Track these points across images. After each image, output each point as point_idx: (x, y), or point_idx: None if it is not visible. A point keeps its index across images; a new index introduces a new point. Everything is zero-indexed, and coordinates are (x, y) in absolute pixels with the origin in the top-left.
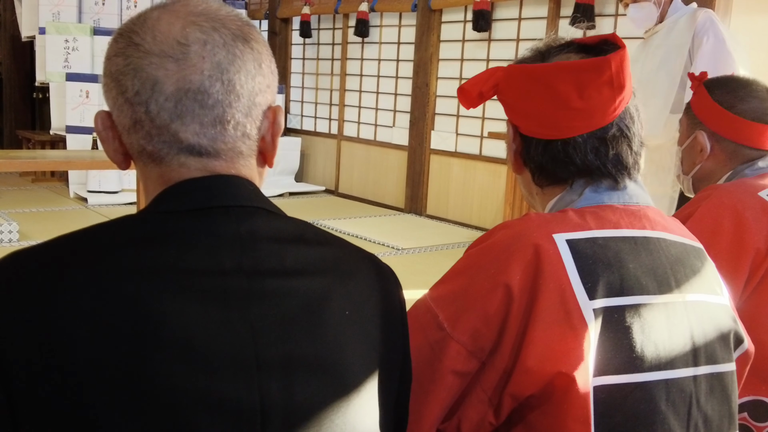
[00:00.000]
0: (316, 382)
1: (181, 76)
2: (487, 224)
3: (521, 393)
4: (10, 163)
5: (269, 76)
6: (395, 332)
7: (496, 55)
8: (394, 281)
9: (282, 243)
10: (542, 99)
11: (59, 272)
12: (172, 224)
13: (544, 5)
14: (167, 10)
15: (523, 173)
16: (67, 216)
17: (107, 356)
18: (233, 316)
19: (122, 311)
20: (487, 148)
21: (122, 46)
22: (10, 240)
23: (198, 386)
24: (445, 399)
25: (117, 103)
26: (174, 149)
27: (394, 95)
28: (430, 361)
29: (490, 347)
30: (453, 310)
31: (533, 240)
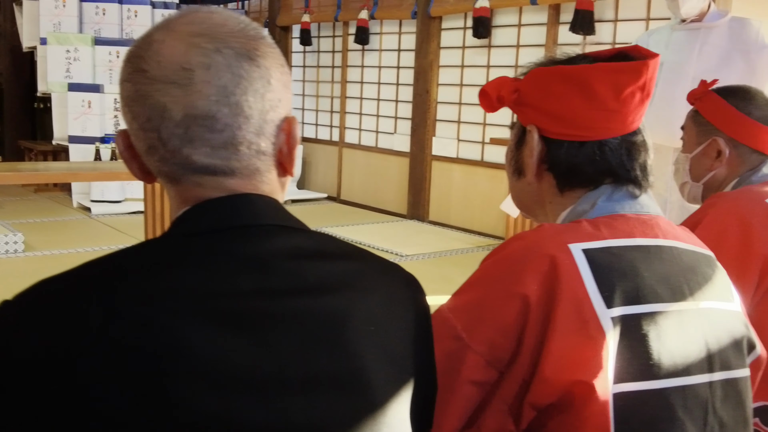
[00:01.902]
0: (340, 401)
1: (187, 103)
2: (489, 230)
3: (541, 402)
4: (18, 176)
5: (280, 90)
6: (421, 343)
7: (497, 61)
8: (420, 291)
9: (302, 260)
10: (577, 99)
11: (81, 297)
12: (191, 247)
13: (544, 12)
14: (170, 31)
15: (542, 179)
16: (72, 226)
17: (127, 379)
18: (253, 339)
19: (142, 335)
20: (488, 154)
21: (130, 72)
22: (15, 251)
23: (221, 408)
24: (464, 409)
25: (132, 128)
26: (188, 170)
27: (395, 102)
28: (447, 371)
29: (507, 357)
30: (470, 320)
31: (548, 250)
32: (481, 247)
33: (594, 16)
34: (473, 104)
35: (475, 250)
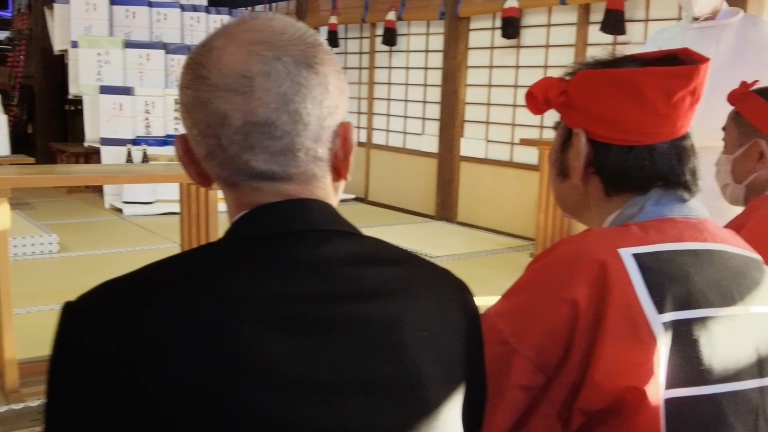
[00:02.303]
0: (396, 405)
1: (247, 110)
2: (519, 231)
3: (590, 407)
4: (52, 178)
5: (337, 97)
6: (473, 348)
7: (526, 61)
8: (469, 295)
9: (357, 266)
10: (627, 104)
11: (144, 301)
12: (250, 251)
13: (574, 11)
14: (230, 39)
15: (588, 183)
16: (104, 227)
17: (192, 382)
18: (312, 342)
19: (205, 338)
20: (517, 155)
21: (190, 78)
22: (51, 252)
23: (281, 411)
24: (511, 413)
25: (192, 134)
26: (247, 176)
27: (423, 103)
28: (494, 375)
29: (556, 362)
30: (517, 324)
31: (598, 255)
32: (510, 248)
33: (625, 16)
34: (502, 105)
35: (505, 251)
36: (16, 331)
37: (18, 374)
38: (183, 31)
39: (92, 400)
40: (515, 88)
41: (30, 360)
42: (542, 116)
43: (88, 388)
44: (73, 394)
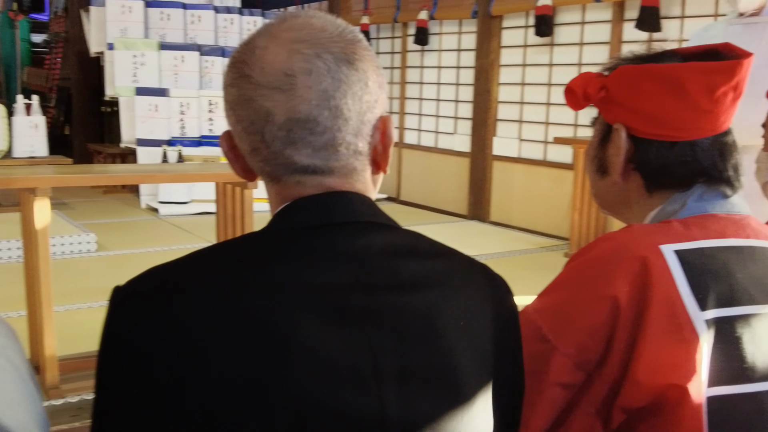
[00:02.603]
0: (432, 394)
1: (290, 107)
2: (553, 230)
3: (631, 405)
4: (90, 178)
5: (376, 92)
6: (508, 343)
7: (559, 59)
8: (506, 291)
9: (396, 257)
10: (669, 99)
11: (190, 287)
12: (293, 241)
13: (608, 8)
14: (272, 38)
15: (628, 179)
16: (141, 226)
17: (237, 365)
18: (352, 330)
19: (249, 323)
20: (551, 154)
21: (234, 77)
22: (89, 251)
23: (322, 396)
24: (550, 411)
25: (236, 131)
26: (289, 170)
27: (455, 102)
28: (534, 372)
29: (596, 359)
30: (557, 322)
31: (639, 252)
32: (544, 247)
33: (660, 13)
34: (535, 103)
35: (539, 251)
36: (56, 329)
37: (58, 371)
38: (217, 32)
39: (139, 378)
40: (549, 86)
41: (69, 357)
42: (576, 114)
43: (136, 368)
44: (122, 373)
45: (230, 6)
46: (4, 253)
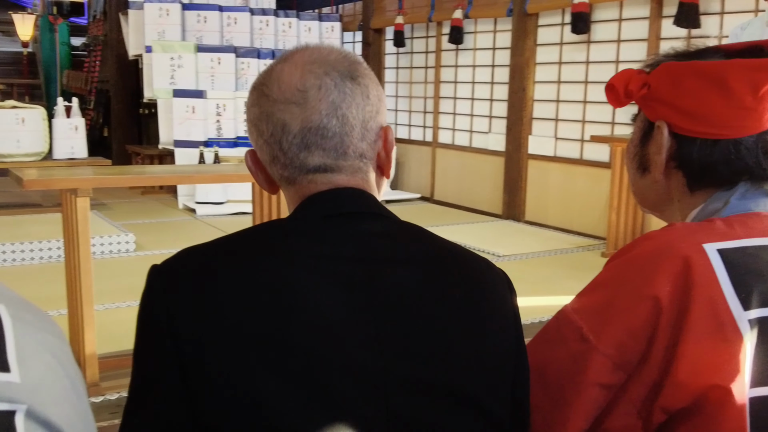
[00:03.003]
0: (424, 352)
1: (303, 117)
2: (590, 230)
3: (672, 406)
4: (128, 178)
5: (377, 103)
6: (506, 336)
7: (596, 57)
8: (507, 286)
9: (393, 239)
10: (713, 96)
11: (215, 259)
12: (307, 225)
13: (646, 5)
14: (288, 62)
15: (670, 177)
16: (178, 226)
17: (251, 322)
18: (355, 294)
19: (264, 286)
20: (588, 152)
21: (256, 97)
22: (127, 250)
23: (328, 350)
24: (590, 411)
25: (258, 144)
26: (303, 171)
27: (490, 101)
28: (573, 373)
29: (637, 360)
30: (597, 321)
31: (682, 251)
32: (581, 247)
33: (699, 9)
34: (572, 101)
35: (576, 250)
36: (96, 327)
37: (98, 369)
38: (252, 34)
39: (170, 336)
40: (585, 84)
41: (109, 355)
42: (614, 112)
43: (167, 327)
44: (155, 333)
45: (266, 8)
46: (45, 252)
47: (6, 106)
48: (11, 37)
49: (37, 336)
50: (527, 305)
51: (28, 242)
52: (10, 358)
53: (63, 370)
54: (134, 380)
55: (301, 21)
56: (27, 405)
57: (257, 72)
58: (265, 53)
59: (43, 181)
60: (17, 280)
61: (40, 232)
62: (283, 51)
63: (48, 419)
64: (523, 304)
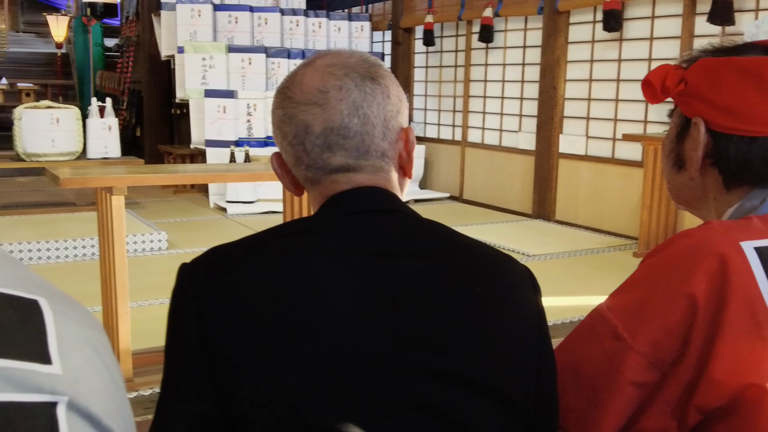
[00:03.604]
0: (444, 347)
1: (325, 118)
2: (621, 230)
3: (708, 405)
4: (161, 177)
5: (397, 104)
6: (527, 331)
7: (629, 54)
8: (531, 282)
9: (414, 234)
10: (751, 93)
11: (240, 253)
12: (330, 222)
13: (679, 2)
14: (309, 66)
15: (706, 174)
16: (209, 225)
17: (279, 314)
18: (376, 286)
19: (290, 279)
20: (619, 151)
21: (280, 100)
22: (160, 248)
23: (350, 340)
24: (624, 410)
25: (282, 146)
26: (326, 171)
27: (520, 99)
28: (607, 371)
29: (672, 358)
30: (632, 320)
31: (718, 249)
32: (612, 247)
33: (733, 5)
34: (603, 99)
35: (607, 250)
36: (129, 324)
37: (131, 365)
38: (282, 34)
39: (201, 336)
40: (617, 82)
41: (142, 351)
42: (646, 111)
43: (198, 328)
44: (187, 334)
45: (296, 8)
46: (80, 251)
47: (41, 107)
48: (45, 39)
49: (77, 329)
50: (557, 305)
51: (62, 240)
52: (52, 351)
53: (102, 363)
54: (166, 373)
55: (331, 21)
56: (68, 397)
57: (287, 72)
58: (295, 53)
59: (80, 180)
60: (53, 277)
61: (74, 231)
62: (314, 51)
63: (88, 411)
64: (554, 304)
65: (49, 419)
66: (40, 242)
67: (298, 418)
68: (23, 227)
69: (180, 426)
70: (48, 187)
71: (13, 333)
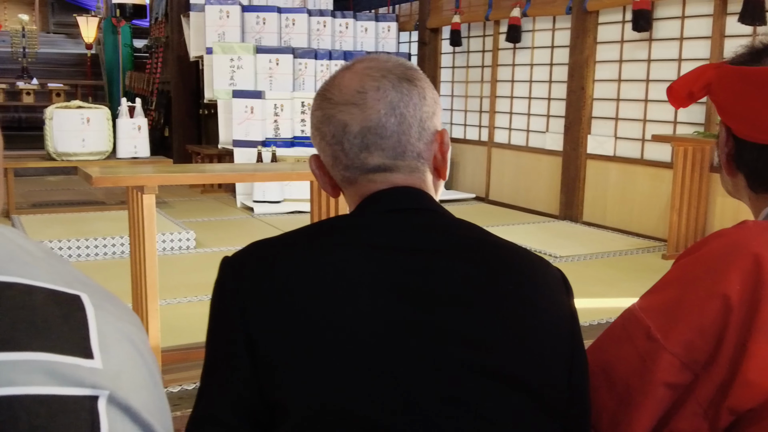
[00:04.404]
0: (477, 342)
1: (363, 117)
2: (649, 232)
3: (740, 407)
4: (189, 176)
5: (433, 105)
6: (559, 330)
7: (658, 55)
8: (563, 283)
9: (448, 233)
10: (759, 102)
11: (279, 249)
12: (366, 220)
13: (710, 2)
14: (348, 70)
15: (736, 177)
16: (236, 225)
17: (316, 306)
18: (410, 282)
19: (327, 273)
20: (648, 152)
21: (319, 102)
22: (188, 247)
23: (385, 333)
24: (656, 411)
25: (321, 146)
26: (363, 171)
27: (548, 100)
28: (639, 372)
29: (705, 359)
30: (665, 320)
31: (753, 249)
32: (640, 249)
33: (765, 5)
34: (633, 100)
35: (635, 252)
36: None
37: (160, 362)
38: (310, 35)
39: (242, 326)
40: (647, 82)
41: (171, 348)
42: (676, 111)
43: (239, 318)
44: (228, 323)
45: (323, 9)
46: (110, 249)
47: (72, 107)
48: (75, 39)
49: (117, 324)
50: (585, 307)
51: (93, 238)
52: (93, 346)
53: (141, 358)
54: (207, 361)
55: (358, 21)
56: (109, 391)
57: (314, 72)
58: (322, 54)
59: (112, 179)
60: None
61: (104, 229)
62: (340, 51)
63: (128, 405)
64: (581, 306)
65: (90, 413)
66: (71, 240)
67: (333, 408)
68: (54, 225)
69: (224, 410)
70: (78, 186)
71: (56, 328)
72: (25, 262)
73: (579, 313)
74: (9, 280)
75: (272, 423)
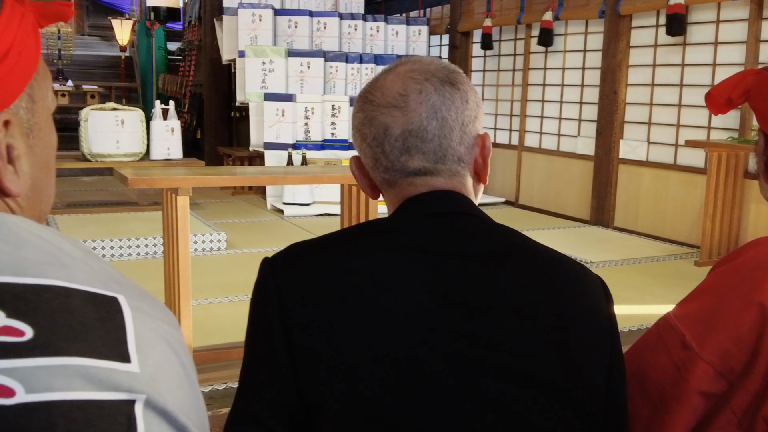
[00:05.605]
0: (514, 347)
1: (405, 120)
2: (682, 238)
3: None
4: (222, 179)
5: (475, 109)
6: (598, 339)
7: (693, 59)
8: (603, 291)
9: (487, 237)
10: None
11: (324, 253)
12: (406, 222)
13: (746, 6)
14: (391, 72)
15: None
16: (267, 226)
17: (356, 308)
18: (449, 285)
19: (367, 275)
20: (682, 157)
21: (361, 104)
22: (219, 248)
23: (423, 337)
24: (690, 420)
25: (362, 148)
26: (404, 174)
27: (579, 104)
28: (674, 380)
29: (740, 368)
30: (701, 329)
31: None
32: (673, 255)
33: None
34: (666, 105)
35: (667, 258)
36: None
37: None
38: (341, 39)
39: (282, 325)
40: (680, 87)
41: (202, 348)
42: (710, 116)
43: (279, 317)
44: (269, 323)
45: (354, 12)
46: (143, 249)
47: (106, 108)
48: (110, 42)
49: (153, 325)
50: (617, 314)
51: (126, 239)
52: (131, 349)
53: (177, 358)
54: (247, 360)
55: (389, 25)
56: (146, 395)
57: (345, 76)
58: (353, 57)
59: (147, 180)
60: None
61: (138, 229)
62: (371, 55)
63: (165, 408)
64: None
65: (128, 417)
66: (105, 240)
67: (370, 409)
68: (89, 225)
69: (263, 411)
70: (112, 186)
71: (93, 331)
72: (63, 263)
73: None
74: (47, 282)
75: (310, 424)
